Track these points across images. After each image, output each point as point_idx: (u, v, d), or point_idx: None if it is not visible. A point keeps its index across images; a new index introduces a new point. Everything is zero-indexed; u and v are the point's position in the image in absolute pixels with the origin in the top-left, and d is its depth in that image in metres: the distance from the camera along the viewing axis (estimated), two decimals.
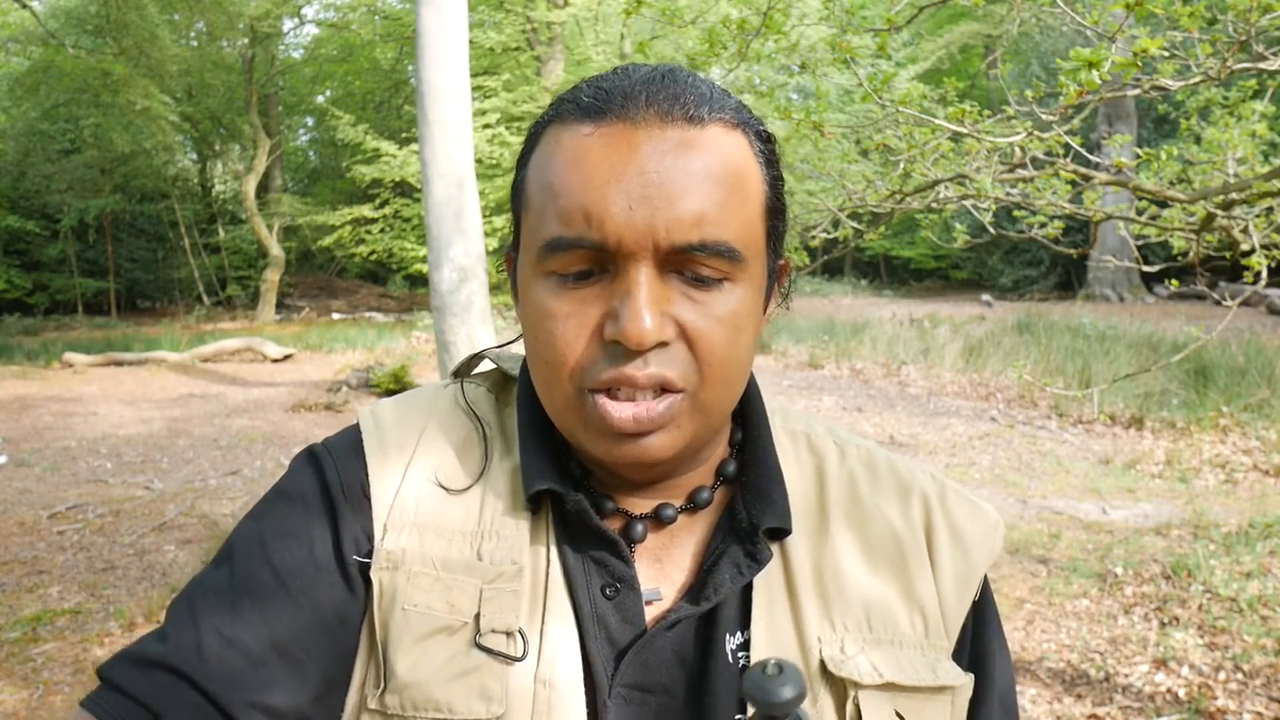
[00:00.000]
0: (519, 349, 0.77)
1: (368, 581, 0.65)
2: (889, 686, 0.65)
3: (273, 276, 20.01)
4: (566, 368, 0.61)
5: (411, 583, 0.63)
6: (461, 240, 6.79)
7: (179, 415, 9.19)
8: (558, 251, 0.60)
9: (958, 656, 0.70)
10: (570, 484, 0.67)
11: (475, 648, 0.62)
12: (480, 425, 0.71)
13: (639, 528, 0.68)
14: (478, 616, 0.62)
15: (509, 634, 0.62)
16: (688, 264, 0.60)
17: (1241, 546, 4.29)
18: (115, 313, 20.55)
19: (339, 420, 8.78)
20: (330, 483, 0.67)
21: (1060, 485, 5.91)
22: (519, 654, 0.62)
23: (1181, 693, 3.12)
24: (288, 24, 21.86)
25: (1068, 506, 5.37)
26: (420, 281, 19.16)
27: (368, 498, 0.67)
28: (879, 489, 0.72)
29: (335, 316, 20.03)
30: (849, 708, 0.64)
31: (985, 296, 17.90)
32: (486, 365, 0.80)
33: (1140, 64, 1.70)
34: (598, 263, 0.60)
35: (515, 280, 0.68)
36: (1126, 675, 3.27)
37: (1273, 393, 7.50)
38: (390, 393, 9.66)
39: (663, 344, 0.60)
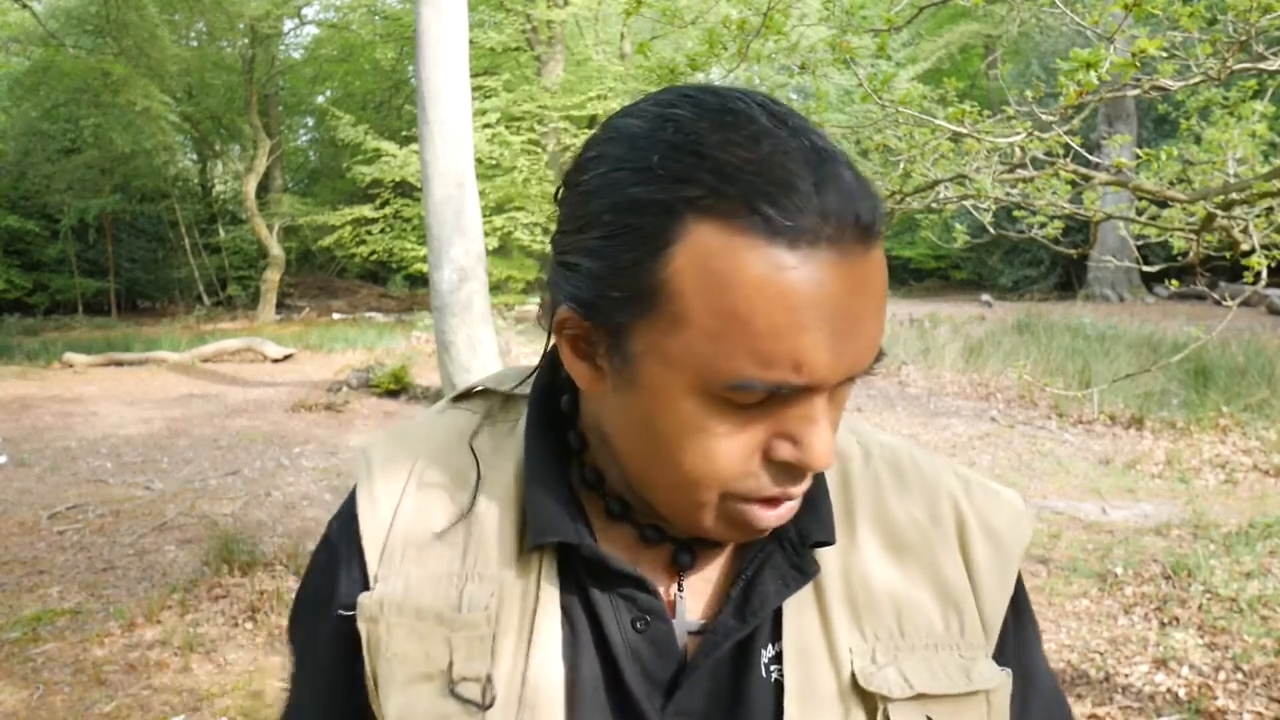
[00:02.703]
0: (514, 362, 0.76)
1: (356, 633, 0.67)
2: (920, 698, 0.64)
3: (273, 276, 20.01)
4: (719, 481, 0.58)
5: (390, 634, 0.65)
6: (461, 240, 6.79)
7: (179, 415, 9.19)
8: (750, 390, 0.54)
9: (999, 655, 0.69)
10: (601, 519, 0.67)
11: (450, 696, 0.63)
12: (475, 460, 0.70)
13: (687, 556, 0.67)
14: (450, 664, 0.63)
15: (478, 681, 0.63)
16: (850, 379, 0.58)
17: (1241, 546, 4.29)
18: (115, 313, 20.56)
19: (339, 420, 8.78)
20: (339, 572, 0.71)
21: (1060, 485, 5.91)
22: (487, 703, 0.62)
23: (1181, 693, 3.12)
24: (288, 24, 21.86)
25: (1068, 506, 5.37)
26: (420, 281, 19.16)
27: (363, 558, 0.69)
28: (905, 490, 0.71)
29: (335, 316, 20.03)
30: None
31: (985, 296, 17.90)
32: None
33: (1139, 64, 1.70)
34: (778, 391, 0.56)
35: (593, 344, 0.60)
36: (1126, 675, 3.27)
37: (1273, 393, 7.50)
38: (390, 393, 9.66)
39: None
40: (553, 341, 0.65)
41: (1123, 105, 15.41)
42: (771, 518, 0.60)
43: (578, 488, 0.67)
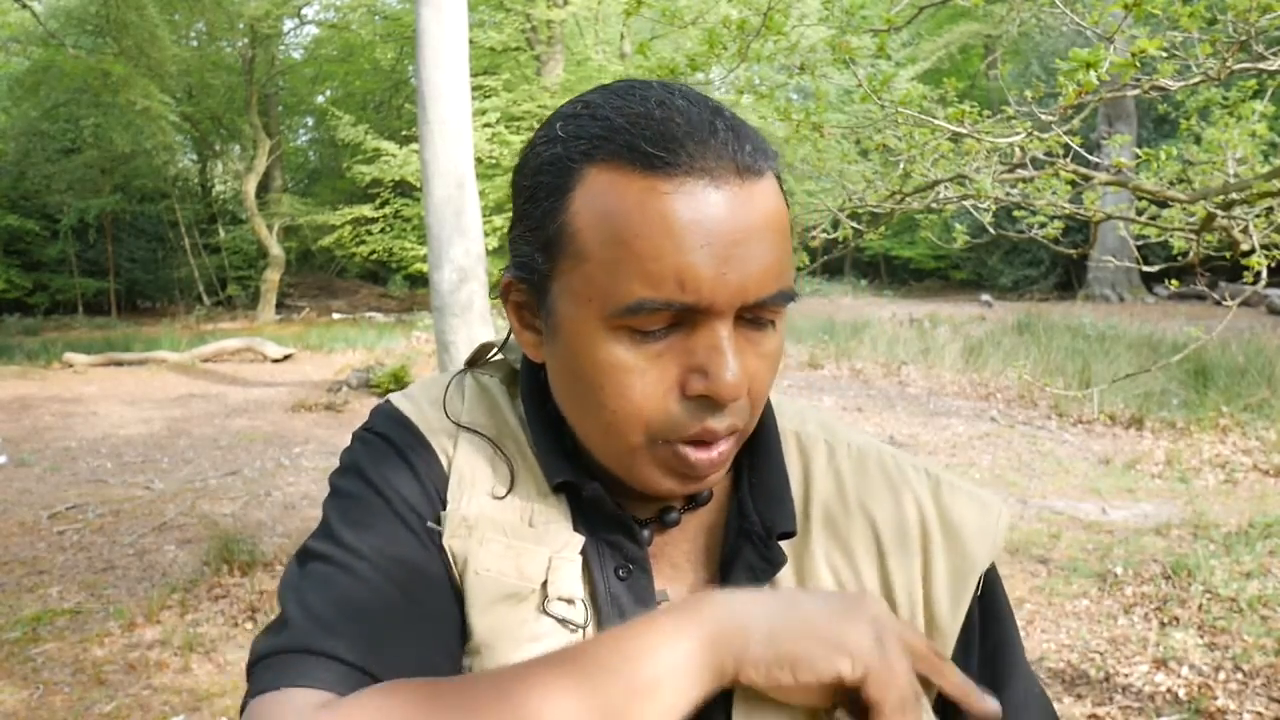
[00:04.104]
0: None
1: (440, 549, 0.66)
2: None
3: (273, 276, 20.02)
4: (642, 419, 0.62)
5: (484, 547, 0.65)
6: (461, 240, 6.79)
7: (179, 415, 9.20)
8: (643, 313, 0.59)
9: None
10: (585, 475, 0.69)
11: (543, 614, 0.64)
12: (506, 418, 0.72)
13: (645, 533, 0.69)
14: (544, 584, 0.65)
15: (571, 602, 0.65)
16: (758, 311, 0.61)
17: (1241, 546, 4.29)
18: (115, 313, 20.56)
19: (339, 420, 8.78)
20: (405, 474, 0.68)
21: (1060, 485, 5.91)
22: (582, 621, 0.64)
23: (1181, 693, 3.12)
24: (288, 24, 21.88)
25: (1068, 506, 5.37)
26: (420, 281, 19.16)
27: (435, 472, 0.69)
28: (866, 489, 0.72)
29: (335, 316, 20.03)
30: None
31: (985, 296, 17.90)
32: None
33: (1139, 64, 1.70)
34: (674, 319, 0.60)
35: (533, 310, 0.67)
36: (1126, 675, 3.27)
37: (1273, 393, 7.51)
38: (390, 393, 9.65)
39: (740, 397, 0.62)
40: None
41: (1123, 105, 15.42)
42: (704, 460, 0.62)
43: (571, 455, 0.71)
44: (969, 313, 14.85)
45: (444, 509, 0.67)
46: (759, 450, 0.72)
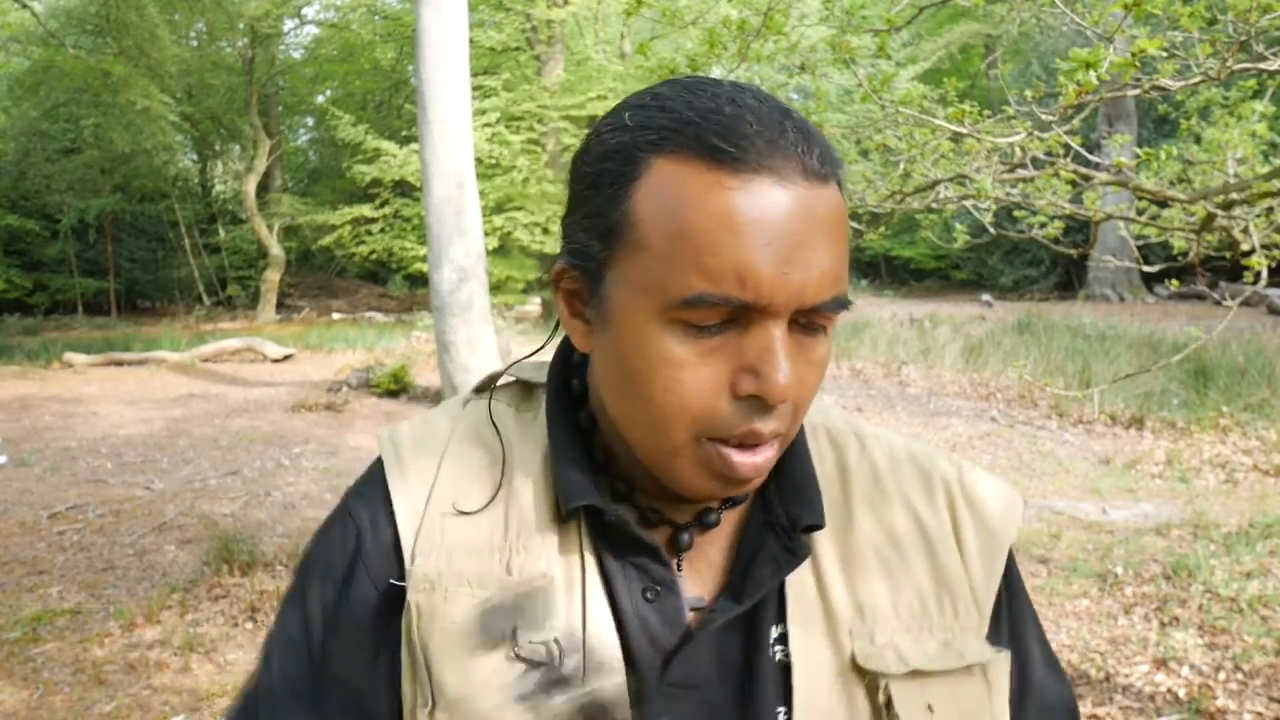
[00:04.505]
0: (535, 357, 0.79)
1: (400, 605, 0.67)
2: (916, 674, 0.67)
3: (273, 276, 20.01)
4: (689, 415, 0.61)
5: (449, 601, 0.66)
6: (461, 240, 6.79)
7: (179, 415, 9.20)
8: (700, 307, 0.59)
9: (994, 634, 0.72)
10: (609, 497, 0.69)
11: (516, 660, 0.64)
12: (501, 444, 0.72)
13: (685, 536, 0.70)
14: (514, 630, 0.65)
15: (546, 645, 0.65)
16: (810, 317, 0.61)
17: (1241, 546, 4.29)
18: (115, 313, 20.55)
19: (339, 420, 8.77)
20: (363, 549, 0.71)
21: (1060, 485, 5.91)
22: (557, 664, 0.64)
23: (1181, 693, 3.12)
24: (288, 24, 21.86)
25: (1068, 506, 5.37)
26: (420, 281, 19.15)
27: (395, 531, 0.69)
28: (901, 478, 0.74)
29: (335, 316, 20.03)
30: (880, 698, 0.66)
31: (985, 296, 17.89)
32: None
33: (1139, 64, 1.70)
34: (730, 316, 0.60)
35: (584, 299, 0.67)
36: (1126, 675, 3.27)
37: (1273, 393, 7.50)
38: (390, 393, 9.65)
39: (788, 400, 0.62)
40: (562, 333, 0.72)
41: (1123, 105, 15.41)
42: (748, 465, 0.62)
43: (600, 469, 0.71)
44: (969, 313, 14.84)
45: (411, 562, 0.68)
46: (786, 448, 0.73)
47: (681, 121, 0.60)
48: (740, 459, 0.62)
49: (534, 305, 17.41)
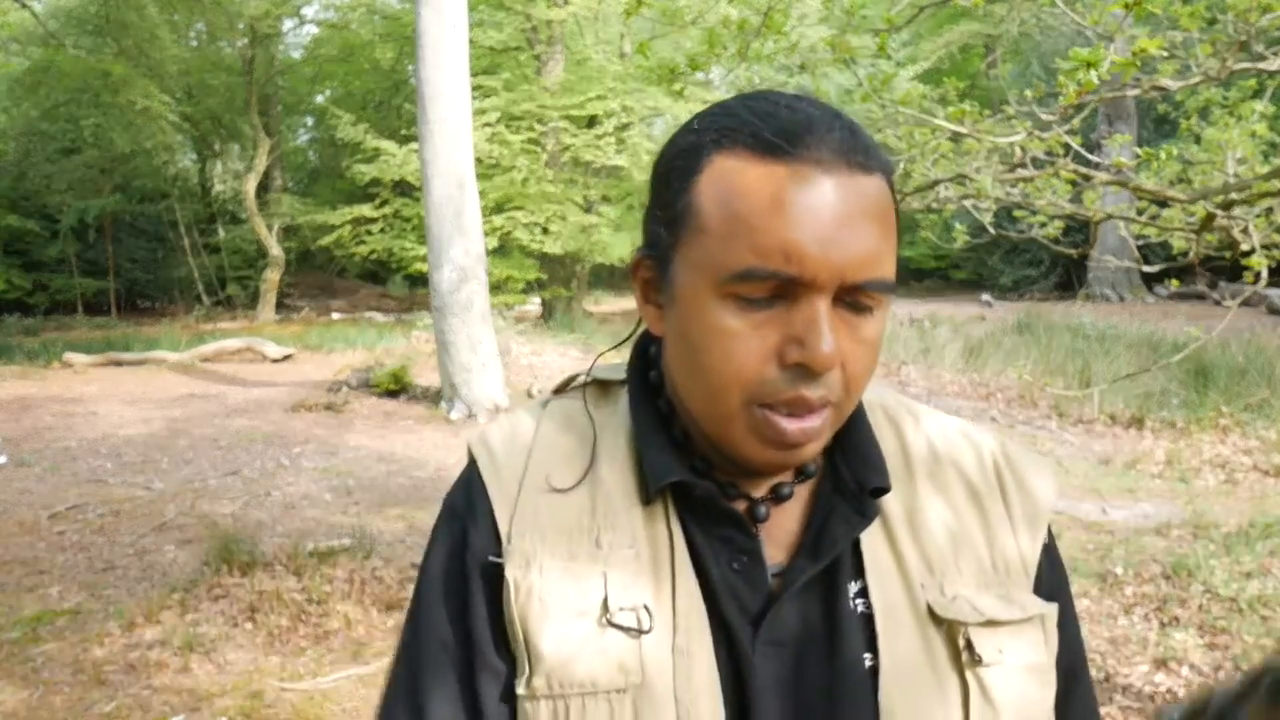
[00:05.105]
0: (611, 357, 0.87)
1: (499, 580, 0.73)
2: (990, 623, 0.73)
3: (272, 276, 20.00)
4: (740, 382, 0.67)
5: (544, 575, 0.71)
6: (461, 240, 6.79)
7: (179, 415, 9.20)
8: (750, 280, 0.65)
9: (1038, 593, 0.79)
10: (695, 475, 0.74)
11: (608, 626, 0.70)
12: (592, 427, 0.79)
13: (762, 509, 0.75)
14: (605, 599, 0.70)
15: (635, 610, 0.70)
16: (855, 295, 0.67)
17: (1241, 546, 4.29)
18: (115, 313, 20.54)
19: (339, 420, 8.77)
20: (468, 538, 0.76)
21: (1060, 485, 5.90)
22: (647, 628, 0.69)
23: (1181, 693, 3.12)
24: (287, 24, 21.86)
25: (1068, 506, 5.38)
26: (420, 281, 19.14)
27: (493, 515, 0.75)
28: (954, 449, 0.81)
29: (335, 316, 20.02)
30: (961, 643, 0.72)
31: (985, 296, 17.89)
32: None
33: (1139, 64, 1.70)
34: (778, 290, 0.66)
35: (657, 286, 0.74)
36: (1126, 675, 3.27)
37: (1273, 393, 7.50)
38: (390, 393, 9.65)
39: (832, 369, 0.67)
40: (641, 329, 0.81)
41: (1123, 105, 15.41)
42: (795, 430, 0.68)
43: (681, 449, 0.77)
44: (969, 313, 14.85)
45: (508, 543, 0.74)
46: (848, 419, 0.78)
47: (740, 122, 0.68)
48: (788, 424, 0.67)
49: (534, 305, 17.40)
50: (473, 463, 0.80)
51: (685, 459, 0.75)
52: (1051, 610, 0.77)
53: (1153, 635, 3.53)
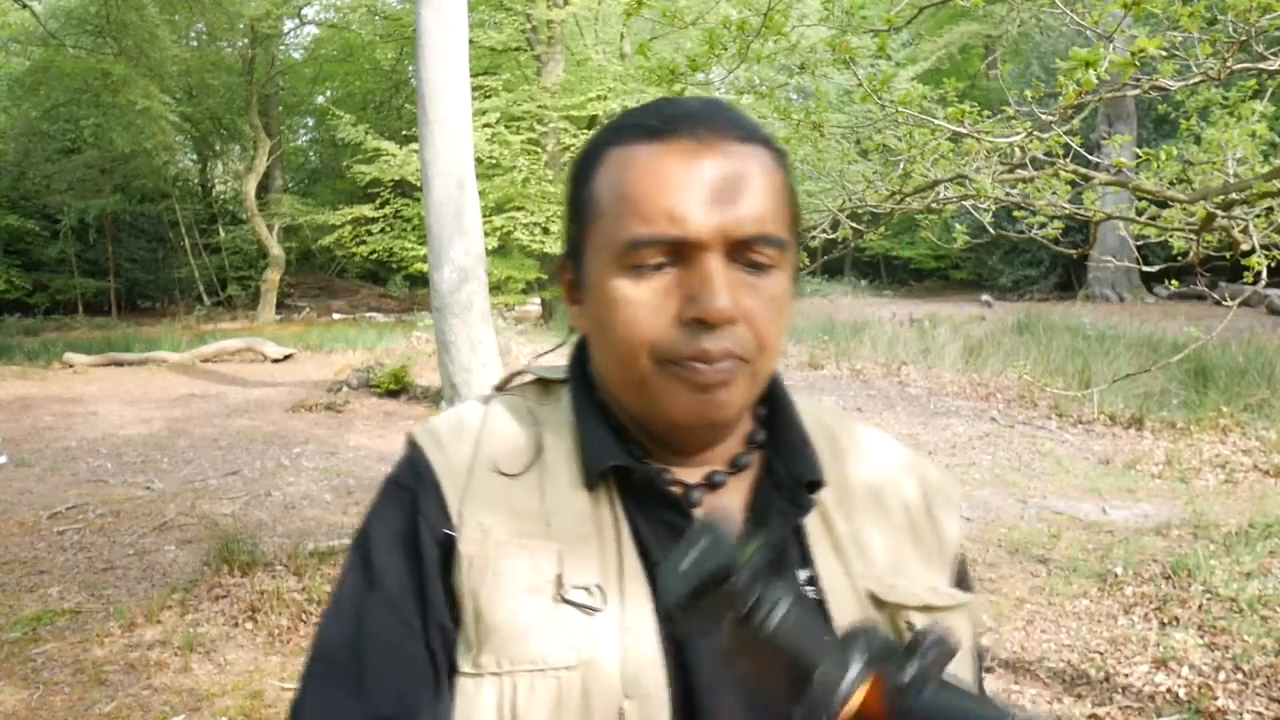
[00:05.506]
0: (551, 359, 0.90)
1: (449, 554, 0.73)
2: (927, 608, 0.78)
3: (273, 277, 20.01)
4: (647, 345, 0.71)
5: (498, 551, 0.72)
6: (461, 240, 6.78)
7: (179, 415, 9.20)
8: (639, 248, 0.70)
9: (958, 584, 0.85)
10: (633, 460, 0.77)
11: (561, 602, 0.71)
12: (535, 419, 0.81)
13: (695, 494, 0.78)
14: (559, 576, 0.71)
15: (588, 589, 0.71)
16: (748, 252, 0.71)
17: (1241, 546, 4.29)
18: (115, 313, 20.55)
19: (339, 420, 8.78)
20: (420, 507, 0.76)
21: (1060, 485, 5.92)
22: (601, 606, 0.71)
23: (1181, 693, 3.12)
24: (288, 24, 21.87)
25: (1068, 506, 5.38)
26: (420, 281, 19.14)
27: (442, 497, 0.75)
28: (881, 455, 0.87)
29: (335, 316, 20.03)
30: (903, 625, 0.76)
31: (985, 296, 17.89)
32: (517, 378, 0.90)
33: (1139, 64, 1.70)
34: (672, 255, 0.70)
35: (577, 284, 0.78)
36: (1126, 675, 3.27)
37: (1273, 393, 7.51)
38: (390, 393, 9.65)
39: (731, 322, 0.70)
40: (577, 334, 0.83)
41: (1123, 105, 15.41)
42: (709, 372, 0.70)
43: (619, 437, 0.79)
44: (969, 313, 14.85)
45: (459, 518, 0.74)
46: (779, 418, 0.83)
47: (631, 119, 0.75)
48: (703, 367, 0.70)
49: (534, 305, 17.40)
50: (415, 446, 0.79)
51: (624, 445, 0.77)
52: (976, 601, 0.82)
53: (1153, 635, 3.53)
